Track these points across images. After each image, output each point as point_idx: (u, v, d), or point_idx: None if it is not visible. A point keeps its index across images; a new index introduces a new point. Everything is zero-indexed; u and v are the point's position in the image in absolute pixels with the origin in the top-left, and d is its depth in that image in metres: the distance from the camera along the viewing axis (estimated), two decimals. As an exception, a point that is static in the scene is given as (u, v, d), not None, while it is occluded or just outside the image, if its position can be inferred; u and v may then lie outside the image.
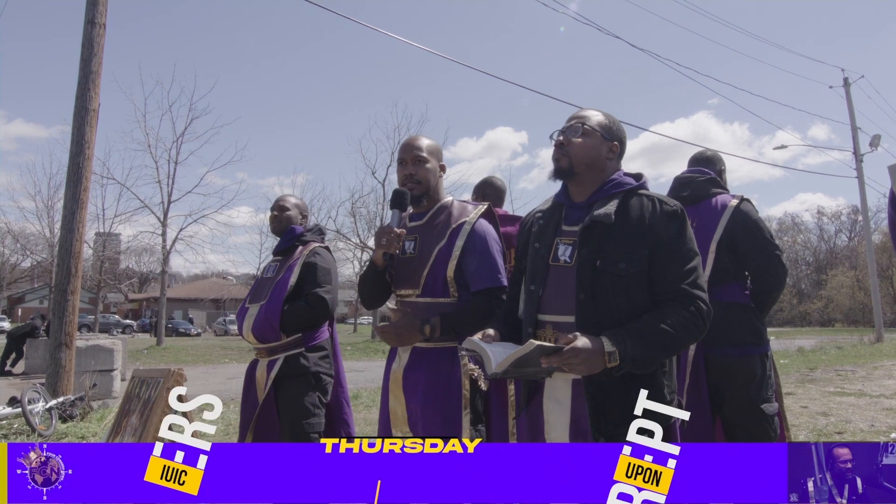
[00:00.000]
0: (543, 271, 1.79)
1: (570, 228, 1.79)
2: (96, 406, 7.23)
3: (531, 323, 1.78)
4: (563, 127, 1.83)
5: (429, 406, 2.17)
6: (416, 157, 2.29)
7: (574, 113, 1.87)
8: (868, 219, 25.01)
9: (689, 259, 1.68)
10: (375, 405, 7.91)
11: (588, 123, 1.80)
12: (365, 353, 19.74)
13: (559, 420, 1.73)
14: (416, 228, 2.33)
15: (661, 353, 1.64)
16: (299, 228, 3.11)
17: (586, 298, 1.67)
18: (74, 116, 7.42)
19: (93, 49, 7.47)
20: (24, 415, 5.89)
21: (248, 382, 2.99)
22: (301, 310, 2.85)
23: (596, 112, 1.85)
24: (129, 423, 3.79)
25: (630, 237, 1.68)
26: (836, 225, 59.71)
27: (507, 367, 1.55)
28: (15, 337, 13.22)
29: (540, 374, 1.66)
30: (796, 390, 8.44)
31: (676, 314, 1.61)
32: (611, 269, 1.67)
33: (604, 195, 1.77)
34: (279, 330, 2.83)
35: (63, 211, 7.49)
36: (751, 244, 2.76)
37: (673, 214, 1.70)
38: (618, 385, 1.62)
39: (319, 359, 2.90)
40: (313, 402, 2.82)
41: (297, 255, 2.99)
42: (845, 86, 22.92)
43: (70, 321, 7.22)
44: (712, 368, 2.73)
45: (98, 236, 30.75)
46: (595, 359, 1.54)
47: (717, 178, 2.96)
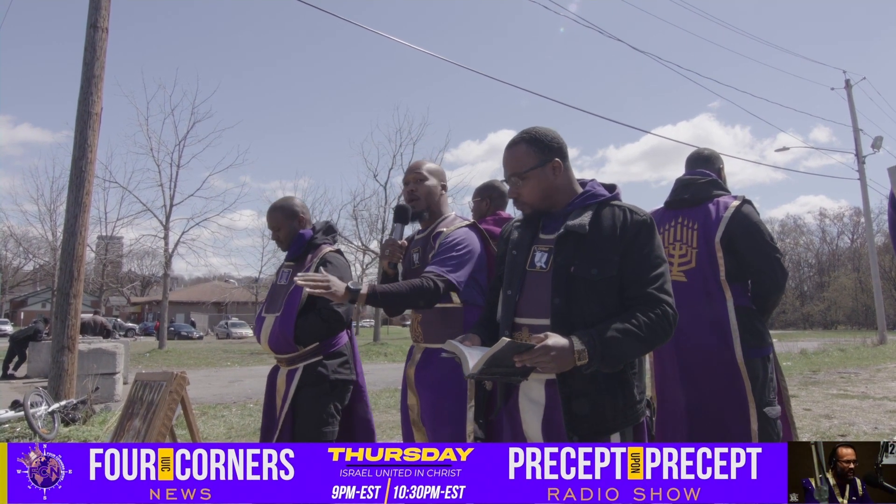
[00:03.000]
0: (520, 277, 1.88)
1: (546, 237, 1.90)
2: (98, 409, 7.23)
3: (508, 326, 1.86)
4: (506, 177, 1.93)
5: (437, 400, 2.38)
6: (417, 177, 2.58)
7: (506, 151, 1.93)
8: (870, 220, 24.94)
9: (656, 265, 1.77)
10: (377, 407, 7.91)
11: (521, 170, 1.88)
12: (367, 357, 19.72)
13: (533, 419, 1.83)
14: (419, 241, 2.59)
15: (628, 353, 1.71)
16: (308, 233, 3.02)
17: (561, 302, 1.76)
18: (77, 120, 7.44)
19: (95, 53, 7.49)
20: (27, 418, 5.89)
21: (270, 389, 2.98)
22: (315, 324, 2.81)
23: (522, 144, 1.90)
24: (132, 426, 3.78)
25: (602, 245, 1.78)
26: (838, 227, 59.73)
27: (482, 366, 1.60)
28: (18, 340, 13.25)
29: (515, 377, 1.71)
30: (799, 393, 8.42)
31: (643, 316, 1.70)
32: (584, 274, 1.76)
33: (578, 206, 1.88)
34: (294, 343, 2.81)
35: (66, 214, 7.51)
36: (750, 247, 2.75)
37: (642, 224, 1.80)
38: (590, 385, 1.71)
39: (339, 366, 2.87)
40: (329, 412, 2.80)
41: (308, 263, 2.92)
42: (847, 88, 22.90)
43: (72, 324, 7.23)
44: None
45: (100, 240, 30.79)
46: (565, 356, 1.61)
47: (718, 180, 2.95)
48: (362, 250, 30.09)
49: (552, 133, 1.91)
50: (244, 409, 7.97)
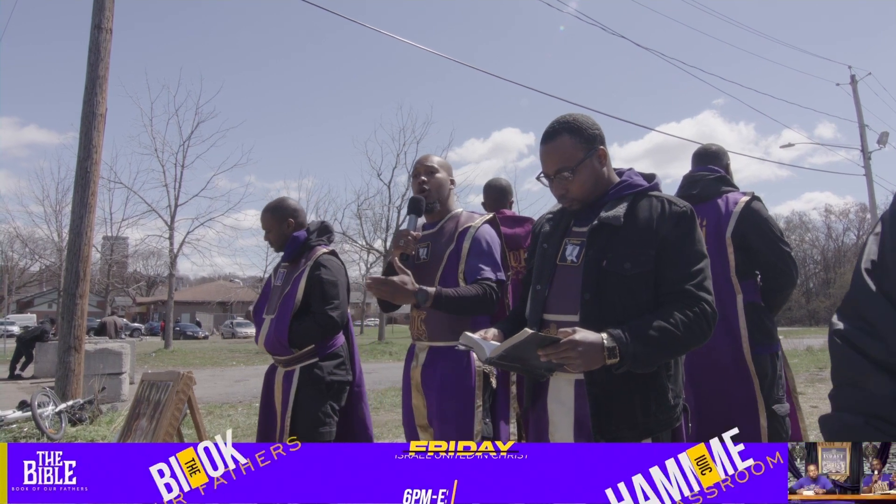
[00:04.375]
0: (550, 271, 1.78)
1: (579, 229, 1.78)
2: (105, 409, 7.26)
3: (536, 322, 1.77)
4: (549, 173, 1.75)
5: (444, 400, 2.33)
6: (428, 169, 2.55)
7: (547, 147, 1.75)
8: (876, 216, 24.80)
9: (695, 261, 1.66)
10: (383, 406, 7.91)
11: (571, 164, 1.72)
12: (372, 355, 19.77)
13: (563, 421, 1.72)
14: (428, 236, 2.54)
15: (663, 353, 1.59)
16: (302, 234, 3.00)
17: (591, 298, 1.66)
18: (82, 121, 7.47)
19: (99, 54, 7.52)
20: (34, 418, 5.92)
21: (267, 388, 3.01)
22: (309, 329, 2.82)
23: (565, 134, 1.73)
24: (139, 426, 3.79)
25: (637, 238, 1.67)
26: (844, 223, 59.42)
27: (501, 352, 1.52)
28: (25, 341, 13.31)
29: (539, 371, 1.62)
30: (806, 390, 8.39)
31: (679, 314, 1.58)
32: (616, 269, 1.65)
33: (614, 196, 1.76)
34: (288, 347, 2.83)
35: (71, 215, 7.54)
36: (761, 242, 2.76)
37: (681, 215, 1.68)
38: (620, 386, 1.61)
39: (335, 367, 2.88)
40: (325, 412, 2.82)
41: (303, 266, 2.92)
42: (852, 83, 22.78)
43: (79, 325, 7.26)
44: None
45: (106, 240, 30.93)
46: (593, 353, 1.50)
47: (726, 176, 2.95)
48: (366, 249, 30.10)
49: (591, 119, 1.77)
50: (250, 408, 7.98)
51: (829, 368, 0.91)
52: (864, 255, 0.91)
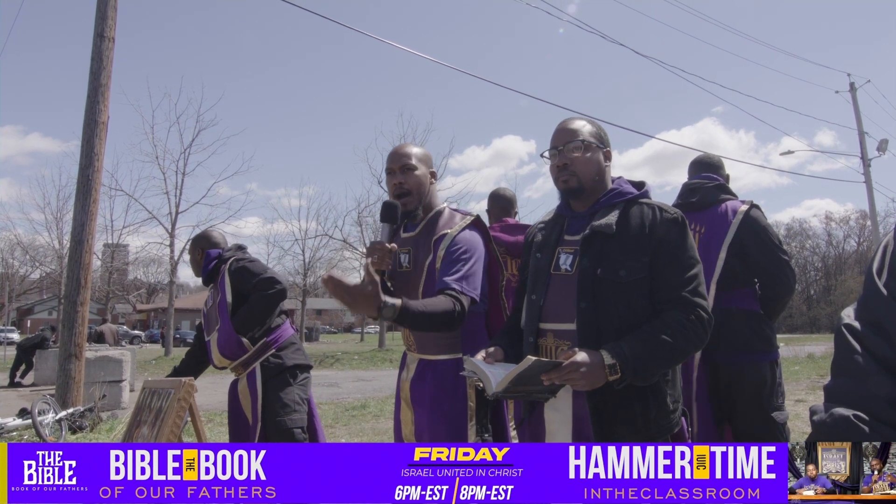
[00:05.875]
0: (545, 280, 1.80)
1: (571, 238, 1.81)
2: (106, 417, 7.25)
3: (532, 332, 1.78)
4: (559, 145, 1.80)
5: (434, 416, 2.14)
6: (405, 166, 2.19)
7: (563, 125, 1.83)
8: (877, 223, 24.80)
9: (689, 267, 1.68)
10: (383, 414, 7.89)
11: (584, 137, 1.79)
12: (372, 363, 19.72)
13: (560, 430, 1.74)
14: (409, 240, 2.25)
15: (662, 364, 1.63)
16: (214, 252, 3.24)
17: (587, 306, 1.67)
18: (84, 129, 7.50)
19: (102, 62, 7.55)
20: (35, 426, 5.91)
21: (233, 400, 3.13)
22: (253, 305, 2.98)
23: (583, 122, 1.84)
24: (141, 433, 3.79)
25: (630, 245, 1.69)
26: (844, 230, 59.51)
27: (506, 384, 1.53)
28: (25, 348, 13.30)
29: (543, 395, 1.63)
30: (807, 397, 8.37)
31: (676, 322, 1.61)
32: (611, 276, 1.67)
33: (605, 205, 1.79)
34: (242, 336, 2.97)
35: (73, 223, 7.56)
36: (760, 250, 2.76)
37: (673, 222, 1.71)
38: (620, 394, 1.62)
39: (292, 353, 3.09)
40: (293, 399, 2.95)
41: (222, 273, 3.14)
42: (852, 90, 22.83)
43: (80, 332, 7.26)
44: (722, 376, 2.72)
45: (106, 247, 30.90)
46: (596, 372, 1.53)
47: (725, 184, 2.96)
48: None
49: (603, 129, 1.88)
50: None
51: (830, 372, 0.92)
52: (877, 257, 0.92)
